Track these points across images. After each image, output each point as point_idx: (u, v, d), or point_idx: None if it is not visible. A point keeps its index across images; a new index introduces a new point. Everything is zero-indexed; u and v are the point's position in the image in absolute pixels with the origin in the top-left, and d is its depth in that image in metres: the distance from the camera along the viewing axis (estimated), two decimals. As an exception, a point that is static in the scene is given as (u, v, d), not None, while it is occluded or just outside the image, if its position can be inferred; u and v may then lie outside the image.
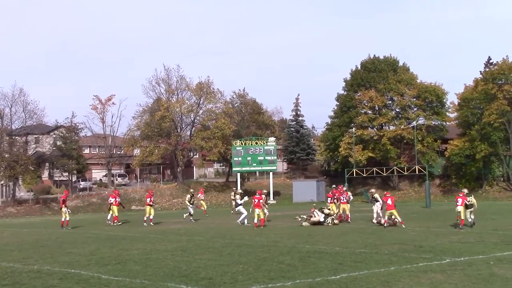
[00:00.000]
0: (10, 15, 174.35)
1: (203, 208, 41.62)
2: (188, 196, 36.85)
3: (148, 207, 34.08)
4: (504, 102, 56.69)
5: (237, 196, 35.01)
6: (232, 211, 40.67)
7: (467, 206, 29.99)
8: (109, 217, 35.19)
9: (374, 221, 30.42)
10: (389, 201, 28.68)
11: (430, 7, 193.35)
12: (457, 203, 27.29)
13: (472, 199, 30.37)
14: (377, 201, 30.90)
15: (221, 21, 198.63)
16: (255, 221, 29.68)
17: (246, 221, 31.15)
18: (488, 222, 29.24)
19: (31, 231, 32.12)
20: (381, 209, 30.40)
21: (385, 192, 32.53)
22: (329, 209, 31.86)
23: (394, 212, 28.53)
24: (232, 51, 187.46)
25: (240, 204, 32.46)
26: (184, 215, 37.29)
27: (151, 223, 33.17)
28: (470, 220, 29.42)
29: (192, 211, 36.15)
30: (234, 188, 39.16)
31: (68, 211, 33.65)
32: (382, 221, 29.17)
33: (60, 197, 36.88)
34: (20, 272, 15.97)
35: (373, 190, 33.58)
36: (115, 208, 34.51)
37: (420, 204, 51.45)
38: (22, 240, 26.52)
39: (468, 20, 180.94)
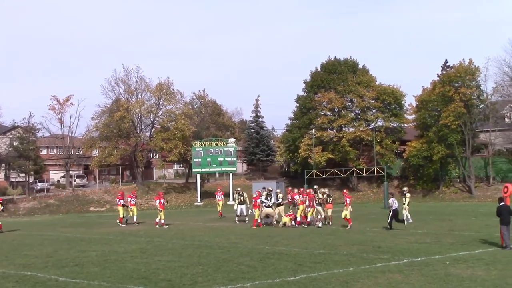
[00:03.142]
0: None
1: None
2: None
3: (133, 207, 35.07)
4: (460, 105, 57.53)
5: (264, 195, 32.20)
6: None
7: (320, 204, 31.08)
8: (134, 218, 34.72)
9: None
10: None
11: (389, 10, 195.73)
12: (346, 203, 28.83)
13: (407, 197, 31.49)
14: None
15: (181, 22, 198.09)
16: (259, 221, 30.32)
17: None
18: (445, 223, 29.69)
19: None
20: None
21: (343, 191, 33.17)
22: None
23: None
24: (192, 53, 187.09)
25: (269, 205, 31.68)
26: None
27: (136, 223, 34.10)
28: (405, 217, 30.45)
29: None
30: (238, 189, 37.55)
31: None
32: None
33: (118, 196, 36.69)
34: (-26, 275, 15.70)
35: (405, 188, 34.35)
36: (134, 208, 35.14)
37: (379, 205, 51.93)
38: (-23, 243, 26.06)
39: (426, 23, 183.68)
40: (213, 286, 13.03)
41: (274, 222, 31.14)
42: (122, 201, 34.95)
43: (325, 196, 31.38)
